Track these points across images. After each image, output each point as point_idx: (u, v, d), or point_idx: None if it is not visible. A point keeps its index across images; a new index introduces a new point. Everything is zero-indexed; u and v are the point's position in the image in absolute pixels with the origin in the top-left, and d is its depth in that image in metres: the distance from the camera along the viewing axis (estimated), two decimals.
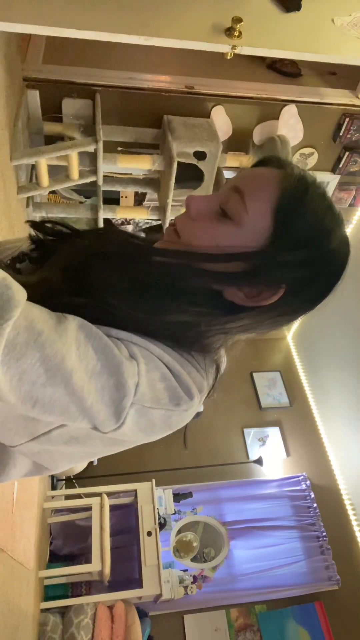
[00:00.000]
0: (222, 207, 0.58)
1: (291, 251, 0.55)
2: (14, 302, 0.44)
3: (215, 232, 0.57)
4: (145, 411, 0.51)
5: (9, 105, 2.00)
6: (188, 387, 0.54)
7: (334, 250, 0.57)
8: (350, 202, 3.04)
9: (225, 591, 3.26)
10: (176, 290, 0.57)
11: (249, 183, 0.58)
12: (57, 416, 0.49)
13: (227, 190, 0.59)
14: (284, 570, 3.35)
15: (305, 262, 0.56)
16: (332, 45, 1.78)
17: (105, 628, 2.62)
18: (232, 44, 1.67)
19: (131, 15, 1.64)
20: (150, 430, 0.54)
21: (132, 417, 0.50)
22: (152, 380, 0.52)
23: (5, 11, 1.51)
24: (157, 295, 0.56)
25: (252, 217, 0.56)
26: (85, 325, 0.50)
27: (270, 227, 0.56)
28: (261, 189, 0.57)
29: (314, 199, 0.56)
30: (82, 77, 2.28)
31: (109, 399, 0.49)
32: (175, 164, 2.12)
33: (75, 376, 0.46)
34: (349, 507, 3.57)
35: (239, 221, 0.57)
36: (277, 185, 0.57)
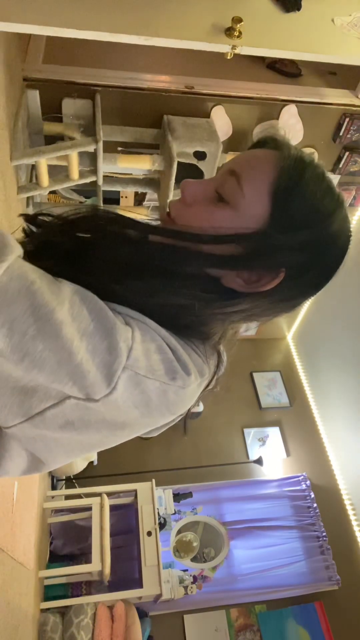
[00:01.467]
0: (218, 190, 0.57)
1: (290, 233, 0.54)
2: (9, 248, 0.45)
3: (212, 216, 0.56)
4: (138, 380, 0.49)
5: (9, 105, 2.00)
6: (185, 363, 0.53)
7: (335, 232, 0.56)
8: (350, 202, 3.04)
9: (225, 591, 3.26)
10: (173, 272, 0.56)
11: (245, 165, 0.56)
12: (46, 375, 0.47)
13: (223, 173, 0.58)
14: (284, 570, 3.35)
15: (305, 245, 0.54)
16: (332, 45, 1.78)
17: (105, 628, 2.62)
18: (232, 44, 1.67)
19: (131, 15, 1.64)
20: (146, 406, 0.52)
21: (124, 383, 0.48)
22: (148, 350, 0.50)
23: (5, 11, 1.51)
24: (153, 277, 0.55)
25: (249, 199, 0.55)
26: (81, 289, 0.49)
27: (268, 209, 0.54)
28: (257, 171, 0.55)
29: (313, 179, 0.55)
30: (82, 77, 2.28)
31: (100, 361, 0.47)
32: (175, 164, 2.12)
33: (65, 329, 0.45)
34: (349, 507, 3.57)
35: (236, 204, 0.55)
36: (274, 166, 0.55)
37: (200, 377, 0.56)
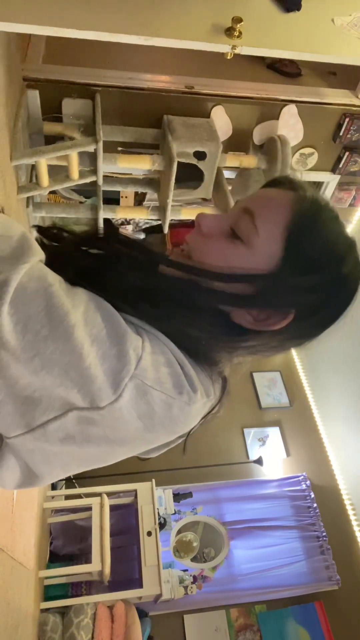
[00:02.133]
0: (233, 227, 0.57)
1: (302, 276, 0.54)
2: (32, 251, 0.47)
3: (226, 252, 0.57)
4: (145, 390, 0.49)
5: (9, 105, 2.00)
6: (192, 379, 0.53)
7: (346, 275, 0.56)
8: (350, 202, 3.04)
9: (225, 591, 3.26)
10: (182, 304, 0.56)
11: (260, 205, 0.57)
12: (54, 377, 0.47)
13: (238, 210, 0.58)
14: (284, 570, 3.35)
15: (316, 287, 0.55)
16: (332, 45, 1.78)
17: (105, 628, 2.62)
18: (232, 44, 1.67)
19: (131, 15, 1.64)
20: (150, 419, 0.52)
21: (130, 392, 0.48)
22: (156, 361, 0.51)
23: (5, 11, 1.51)
24: (162, 305, 0.55)
25: (263, 239, 0.55)
26: (97, 297, 0.51)
27: (281, 250, 0.55)
28: (272, 211, 0.56)
29: (327, 223, 0.56)
30: (82, 77, 2.28)
31: (108, 367, 0.47)
32: (175, 164, 2.12)
33: (77, 333, 0.46)
34: (349, 507, 3.57)
35: (250, 243, 0.56)
36: (289, 207, 0.56)
37: (206, 397, 0.56)
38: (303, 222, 0.55)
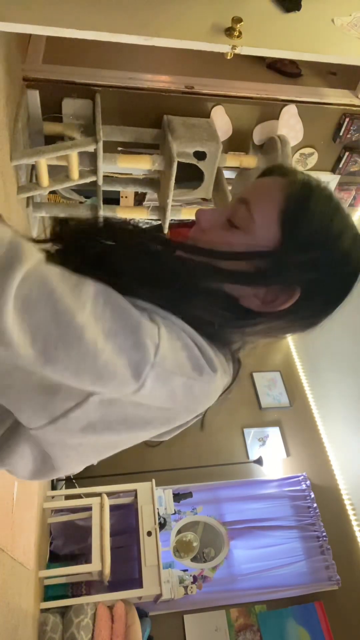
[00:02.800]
0: (231, 219, 0.60)
1: (302, 253, 0.57)
2: (26, 255, 0.45)
3: (227, 240, 0.59)
4: (166, 376, 0.50)
5: (9, 105, 2.00)
6: (211, 359, 0.54)
7: (347, 251, 0.58)
8: (350, 202, 3.04)
9: (225, 591, 3.26)
10: (191, 286, 0.57)
11: (254, 192, 0.60)
12: (72, 379, 0.48)
13: (234, 202, 0.62)
14: (284, 570, 3.35)
15: (317, 263, 0.57)
16: (332, 45, 1.78)
17: (105, 628, 2.62)
18: (232, 44, 1.67)
19: (131, 15, 1.64)
20: (172, 402, 0.53)
21: (151, 381, 0.49)
22: (174, 347, 0.51)
23: (5, 11, 1.51)
24: (174, 289, 0.56)
25: (260, 224, 0.58)
26: (106, 289, 0.50)
27: (279, 232, 0.57)
28: (265, 197, 0.59)
29: (320, 202, 0.58)
30: (82, 77, 2.28)
31: (127, 359, 0.47)
32: (175, 164, 2.12)
33: (88, 333, 0.46)
34: (349, 507, 3.57)
35: (248, 230, 0.59)
36: (281, 191, 0.58)
37: (225, 376, 0.59)
38: (295, 203, 0.57)
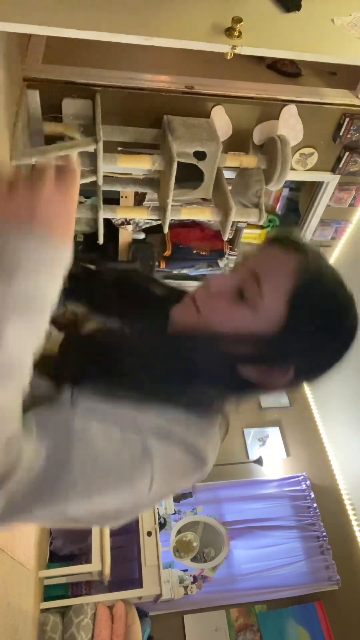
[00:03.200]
0: (240, 288, 0.62)
1: (302, 340, 0.60)
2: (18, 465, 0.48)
3: (233, 314, 0.61)
4: (168, 487, 0.59)
5: (9, 105, 2.00)
6: (204, 456, 0.60)
7: (345, 338, 0.62)
8: (350, 202, 3.04)
9: (225, 591, 3.26)
10: (197, 371, 0.61)
11: (266, 269, 0.61)
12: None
13: (245, 272, 0.62)
14: (284, 570, 3.35)
15: (315, 348, 0.61)
16: (332, 45, 1.78)
17: (105, 628, 2.62)
18: (232, 44, 1.67)
19: (131, 15, 1.64)
20: (173, 492, 0.64)
21: (155, 490, 0.56)
22: (169, 469, 0.57)
23: (5, 11, 1.51)
24: (177, 374, 0.60)
25: (268, 304, 0.60)
26: (91, 450, 0.53)
27: (284, 313, 0.59)
28: (277, 278, 0.60)
29: (329, 292, 0.60)
30: (82, 77, 2.28)
31: (126, 505, 0.55)
32: (175, 164, 2.12)
33: (71, 509, 0.51)
34: (349, 507, 3.56)
35: (255, 307, 0.60)
36: (293, 275, 0.59)
37: (215, 453, 0.64)
38: (305, 290, 0.59)
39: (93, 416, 0.54)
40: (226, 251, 3.72)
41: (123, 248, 3.50)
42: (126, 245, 3.48)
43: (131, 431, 0.55)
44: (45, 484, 0.49)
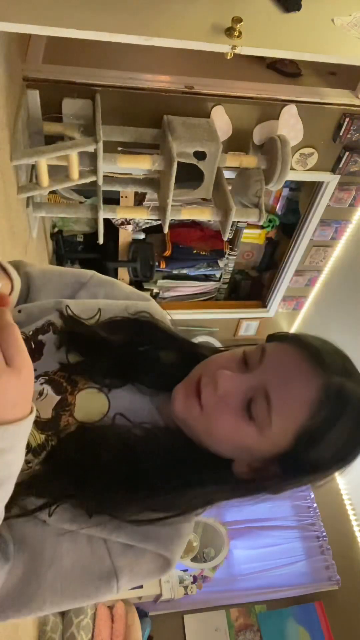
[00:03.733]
0: (249, 403, 0.57)
1: (303, 475, 0.58)
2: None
3: (238, 428, 0.58)
4: (128, 585, 0.60)
5: (9, 105, 2.00)
6: (171, 564, 0.61)
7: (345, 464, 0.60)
8: (350, 202, 3.04)
9: (225, 591, 3.26)
10: (186, 470, 0.60)
11: (279, 394, 0.56)
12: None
13: (257, 383, 0.58)
14: (284, 570, 3.35)
15: (310, 480, 0.59)
16: (332, 45, 1.78)
17: (105, 628, 2.62)
18: (232, 44, 1.66)
19: (131, 15, 1.64)
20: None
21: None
22: (134, 579, 0.59)
23: (5, 11, 1.51)
24: (175, 489, 0.59)
25: (275, 431, 0.56)
26: (61, 575, 0.55)
27: (290, 445, 0.56)
28: (289, 407, 0.56)
29: (343, 429, 0.55)
30: (82, 77, 2.28)
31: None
32: (175, 164, 2.12)
33: (45, 612, 0.56)
34: (349, 507, 3.57)
35: (261, 430, 0.57)
36: (308, 407, 0.55)
37: (184, 547, 0.64)
38: (317, 427, 0.55)
39: (66, 537, 0.56)
40: (226, 251, 3.72)
41: (123, 248, 3.50)
42: (126, 245, 3.48)
43: (102, 550, 0.57)
44: (19, 599, 0.54)
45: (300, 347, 0.59)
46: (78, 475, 0.57)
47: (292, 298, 3.80)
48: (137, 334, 0.70)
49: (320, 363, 0.56)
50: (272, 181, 2.42)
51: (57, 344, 0.67)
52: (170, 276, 3.79)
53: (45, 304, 0.73)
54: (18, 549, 0.55)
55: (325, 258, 3.42)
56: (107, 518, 0.56)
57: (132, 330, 0.70)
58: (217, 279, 3.92)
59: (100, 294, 0.77)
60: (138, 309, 0.73)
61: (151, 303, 0.78)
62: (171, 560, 0.60)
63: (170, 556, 0.60)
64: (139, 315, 0.72)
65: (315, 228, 3.16)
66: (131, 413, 0.64)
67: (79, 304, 0.72)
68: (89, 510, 0.56)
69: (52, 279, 0.78)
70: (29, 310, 0.73)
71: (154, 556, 0.59)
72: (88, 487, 0.57)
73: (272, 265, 3.92)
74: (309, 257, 3.39)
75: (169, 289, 3.84)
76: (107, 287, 0.78)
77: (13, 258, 0.83)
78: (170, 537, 0.60)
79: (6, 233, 2.01)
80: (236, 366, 0.61)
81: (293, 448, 0.56)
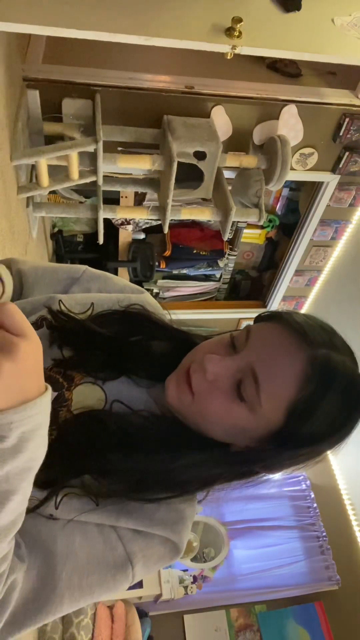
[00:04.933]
0: (238, 385, 0.58)
1: (298, 449, 0.58)
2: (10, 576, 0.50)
3: (230, 410, 0.58)
4: (143, 573, 0.60)
5: (9, 105, 2.00)
6: (179, 548, 0.62)
7: (337, 445, 0.61)
8: (350, 202, 3.04)
9: (225, 591, 3.26)
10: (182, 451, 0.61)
11: (266, 372, 0.56)
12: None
13: (244, 365, 0.58)
14: (284, 570, 3.35)
15: (307, 455, 0.60)
16: (332, 45, 1.78)
17: (105, 628, 2.62)
18: (232, 44, 1.66)
19: (131, 15, 1.64)
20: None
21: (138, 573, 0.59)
22: (148, 564, 0.59)
23: (5, 11, 1.51)
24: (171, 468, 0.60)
25: (266, 409, 0.56)
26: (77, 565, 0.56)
27: (281, 422, 0.56)
28: (276, 385, 0.56)
29: (332, 401, 0.55)
30: (82, 77, 2.28)
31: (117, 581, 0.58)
32: (175, 164, 2.12)
33: (64, 611, 0.55)
34: (349, 507, 3.56)
35: (252, 409, 0.57)
36: (295, 382, 0.55)
37: (189, 530, 0.64)
38: (307, 403, 0.55)
39: (77, 530, 0.56)
40: (226, 251, 3.72)
41: (123, 248, 3.50)
42: (126, 245, 3.48)
43: (114, 539, 0.57)
44: (36, 603, 0.53)
45: (283, 324, 0.59)
46: (80, 458, 0.58)
47: (292, 298, 3.80)
48: (128, 325, 0.70)
49: (304, 337, 0.56)
50: (272, 181, 2.42)
51: (50, 340, 0.68)
52: (170, 276, 3.79)
53: (37, 300, 0.73)
54: (30, 552, 0.55)
55: (325, 258, 3.42)
56: (113, 504, 0.57)
57: (123, 322, 0.70)
58: (217, 279, 3.92)
59: (93, 289, 0.77)
60: (130, 302, 0.73)
61: (145, 295, 0.78)
62: (179, 544, 0.61)
63: (178, 540, 0.61)
64: (130, 307, 0.72)
65: (315, 228, 3.16)
66: (128, 403, 0.65)
67: (72, 298, 0.72)
68: (96, 492, 0.57)
69: (45, 275, 0.78)
70: (21, 306, 0.72)
71: (163, 540, 0.60)
72: (91, 468, 0.58)
73: (272, 265, 3.92)
74: (309, 257, 3.40)
75: (169, 289, 3.84)
76: (100, 281, 0.78)
77: None
78: (174, 521, 0.61)
79: (6, 233, 2.01)
80: (224, 350, 0.61)
81: (285, 424, 0.56)
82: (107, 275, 0.80)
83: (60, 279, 0.77)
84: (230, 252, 3.73)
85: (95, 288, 0.77)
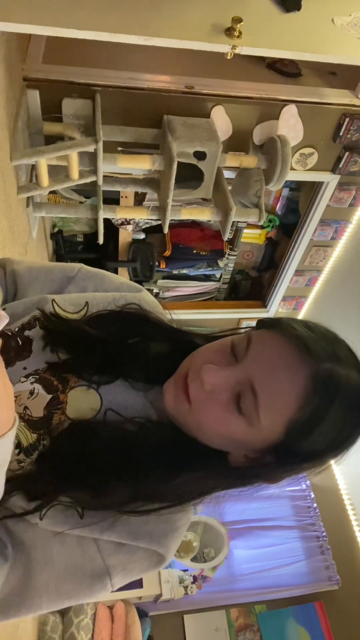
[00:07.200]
0: (238, 397, 0.56)
1: (297, 464, 0.57)
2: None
3: (228, 422, 0.57)
4: (122, 582, 0.60)
5: (9, 105, 2.00)
6: (165, 559, 0.61)
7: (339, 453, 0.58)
8: (350, 202, 3.04)
9: (225, 591, 3.26)
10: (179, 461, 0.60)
11: (265, 388, 0.54)
12: None
13: (243, 377, 0.56)
14: (284, 570, 3.35)
15: (310, 467, 0.58)
16: (332, 45, 1.78)
17: (105, 628, 2.62)
18: (232, 44, 1.67)
19: (131, 15, 1.64)
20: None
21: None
22: (129, 575, 0.59)
23: (5, 11, 1.51)
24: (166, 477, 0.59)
25: (264, 424, 0.54)
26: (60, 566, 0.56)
27: (281, 438, 0.55)
28: (277, 400, 0.53)
29: (335, 417, 0.53)
30: (82, 77, 2.28)
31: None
32: (175, 164, 2.12)
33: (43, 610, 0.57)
34: (349, 507, 3.57)
35: (250, 423, 0.55)
36: (296, 400, 0.52)
37: (180, 540, 0.64)
38: (307, 420, 0.53)
39: (56, 539, 0.56)
40: (226, 251, 3.72)
41: (123, 248, 3.50)
42: (126, 245, 3.48)
43: (93, 551, 0.57)
44: (19, 598, 0.55)
45: (284, 335, 0.56)
46: (72, 471, 0.57)
47: (292, 298, 3.80)
48: (125, 326, 0.67)
49: (306, 351, 0.53)
50: (272, 181, 2.42)
51: (43, 343, 0.66)
52: (170, 276, 3.79)
53: (30, 301, 0.72)
54: (17, 550, 0.56)
55: (325, 258, 3.42)
56: (99, 517, 0.56)
57: (119, 323, 0.68)
58: (217, 279, 3.92)
59: (89, 287, 0.75)
60: (127, 301, 0.71)
61: (142, 293, 0.75)
62: (165, 555, 0.60)
63: (164, 552, 0.60)
64: (126, 307, 0.70)
65: (315, 228, 3.16)
66: (123, 408, 0.63)
67: (65, 298, 0.70)
68: (86, 505, 0.56)
69: (40, 275, 0.76)
70: (14, 307, 0.71)
71: (147, 552, 0.59)
72: (83, 482, 0.57)
73: (272, 265, 3.92)
74: (309, 257, 3.40)
75: (169, 289, 3.84)
76: (96, 279, 0.76)
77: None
78: (164, 532, 0.60)
79: (6, 233, 2.01)
80: (223, 358, 0.59)
81: (285, 439, 0.54)
82: (103, 273, 0.78)
83: (55, 278, 0.75)
84: (230, 252, 3.74)
85: (91, 287, 0.75)
